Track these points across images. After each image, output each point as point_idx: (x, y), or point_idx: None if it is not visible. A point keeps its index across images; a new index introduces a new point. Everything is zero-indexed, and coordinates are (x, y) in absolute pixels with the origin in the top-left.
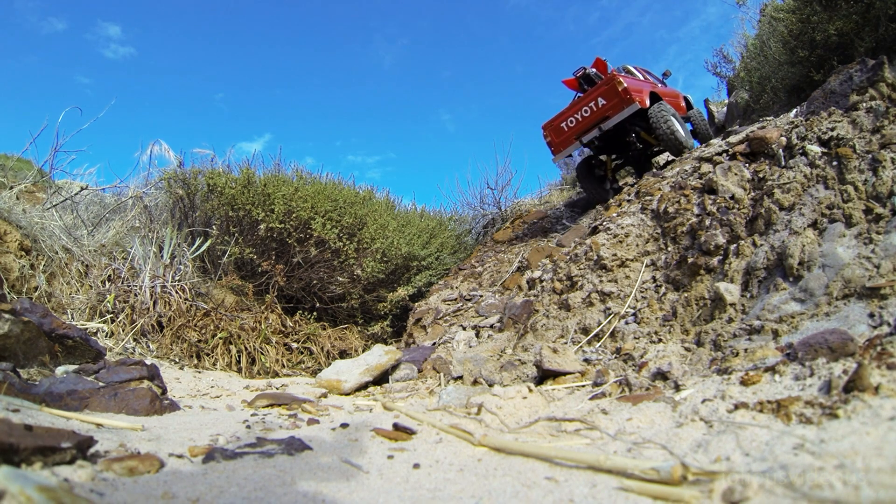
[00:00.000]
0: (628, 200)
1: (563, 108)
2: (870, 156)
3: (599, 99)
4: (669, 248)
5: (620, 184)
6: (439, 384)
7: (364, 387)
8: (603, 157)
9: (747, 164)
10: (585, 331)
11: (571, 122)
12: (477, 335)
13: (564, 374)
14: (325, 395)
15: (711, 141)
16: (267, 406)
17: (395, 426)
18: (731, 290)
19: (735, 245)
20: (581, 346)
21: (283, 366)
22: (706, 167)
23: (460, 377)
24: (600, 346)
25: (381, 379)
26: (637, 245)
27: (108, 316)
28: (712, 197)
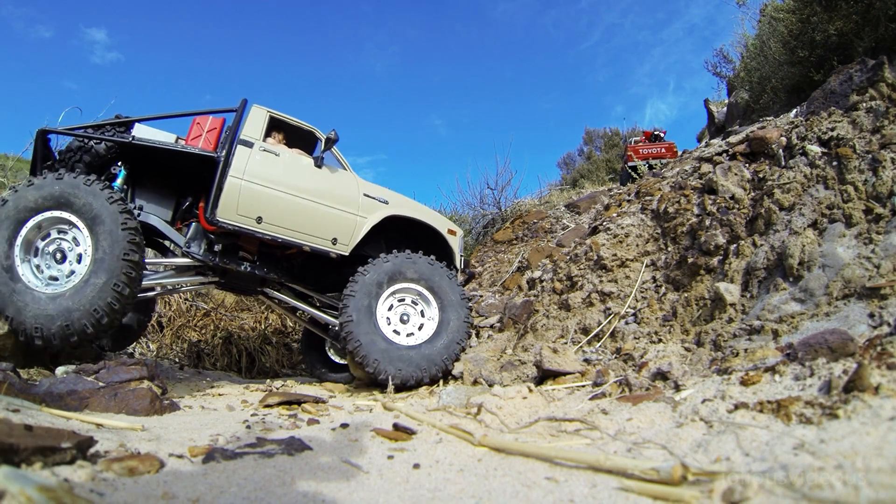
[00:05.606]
0: (628, 200)
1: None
2: (870, 156)
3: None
4: (669, 248)
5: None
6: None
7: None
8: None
9: (747, 164)
10: (585, 331)
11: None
12: (477, 335)
13: (564, 374)
14: (332, 395)
15: (712, 141)
16: (279, 404)
17: (395, 426)
18: (731, 290)
19: (735, 245)
20: (581, 346)
21: (283, 366)
22: (706, 167)
23: (460, 377)
24: (600, 346)
25: None
26: (637, 245)
27: None
28: (712, 197)
